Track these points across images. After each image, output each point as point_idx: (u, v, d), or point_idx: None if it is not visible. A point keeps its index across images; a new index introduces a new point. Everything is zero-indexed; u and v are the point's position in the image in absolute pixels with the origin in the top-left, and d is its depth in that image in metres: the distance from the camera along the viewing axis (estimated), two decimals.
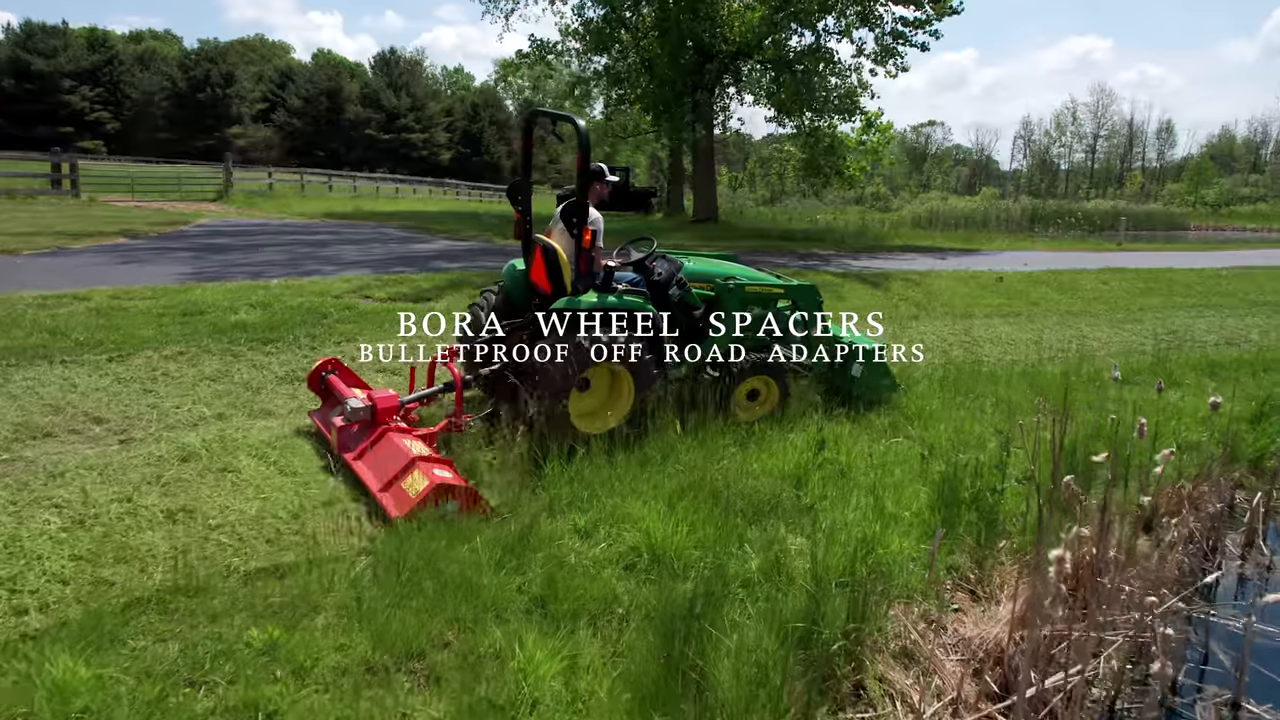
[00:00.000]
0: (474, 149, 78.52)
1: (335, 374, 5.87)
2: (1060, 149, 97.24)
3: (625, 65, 23.94)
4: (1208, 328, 10.81)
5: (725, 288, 6.32)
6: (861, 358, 6.94)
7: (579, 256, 5.45)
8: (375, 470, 4.80)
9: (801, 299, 6.75)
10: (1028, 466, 5.85)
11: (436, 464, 4.69)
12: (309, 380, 5.90)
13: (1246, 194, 72.43)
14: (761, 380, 6.42)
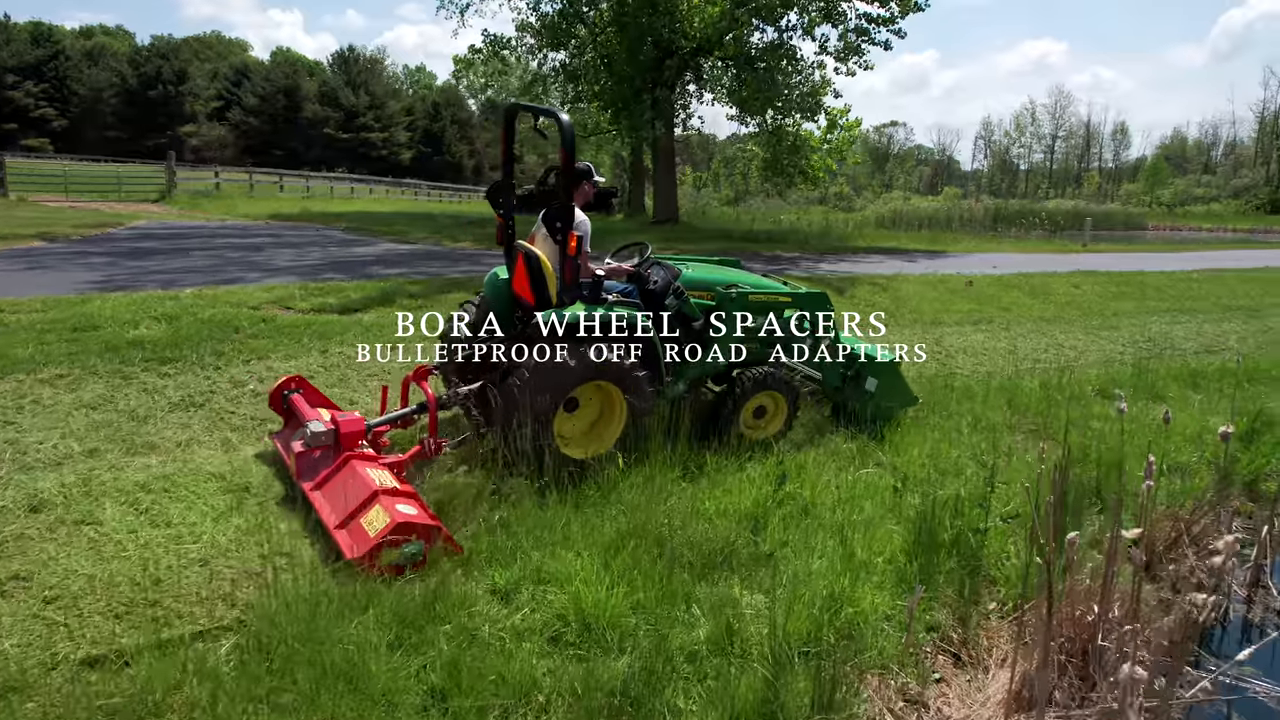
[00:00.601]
0: (435, 148, 77.33)
1: (299, 392, 5.37)
2: (1020, 149, 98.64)
3: (582, 61, 23.21)
4: (1185, 334, 10.39)
5: (727, 297, 5.82)
6: (876, 371, 6.48)
7: (564, 264, 5.02)
8: (334, 502, 4.35)
9: (811, 307, 6.22)
10: (1015, 506, 5.27)
11: (401, 498, 4.22)
12: (270, 399, 5.42)
13: (1200, 194, 73.66)
14: (769, 396, 5.94)
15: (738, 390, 5.77)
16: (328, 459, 4.71)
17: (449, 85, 79.20)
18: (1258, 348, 9.97)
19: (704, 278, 6.01)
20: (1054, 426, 6.77)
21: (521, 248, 5.22)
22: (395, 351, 7.32)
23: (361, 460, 4.54)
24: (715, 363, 5.79)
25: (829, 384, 6.46)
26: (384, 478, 4.42)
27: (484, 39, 22.79)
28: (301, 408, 5.19)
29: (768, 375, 5.83)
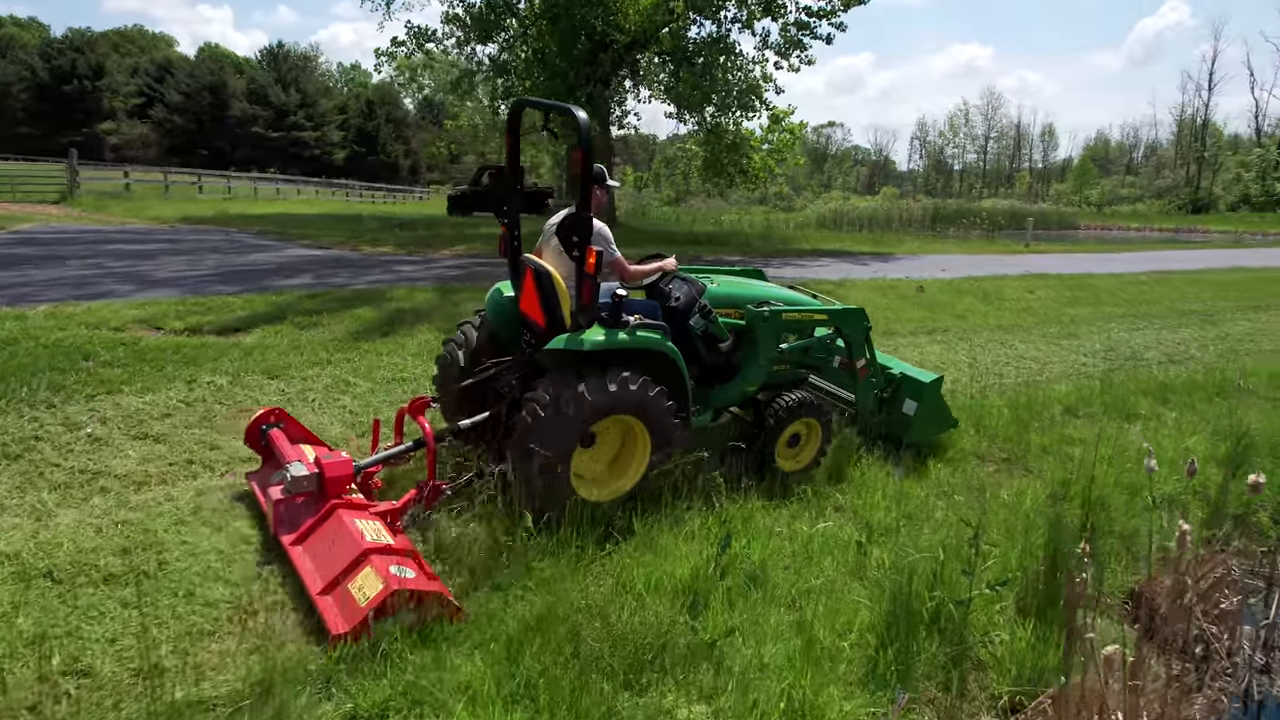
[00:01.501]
0: (370, 148, 75.14)
1: (280, 426, 4.77)
2: (954, 150, 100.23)
3: (512, 55, 22.16)
4: (1145, 342, 9.89)
5: (759, 316, 5.24)
6: (916, 392, 5.94)
7: (581, 282, 4.36)
8: (317, 562, 3.78)
9: (848, 324, 5.68)
10: (997, 560, 4.50)
11: (396, 557, 3.66)
12: (246, 435, 4.77)
13: (1126, 195, 75.64)
14: (803, 423, 5.39)
15: (771, 418, 5.24)
16: (311, 507, 4.10)
17: (384, 83, 77.09)
18: (1219, 356, 9.52)
19: (732, 293, 5.43)
20: (1028, 455, 6.08)
21: (531, 263, 4.64)
22: (280, 382, 6.30)
23: (349, 510, 3.99)
24: (746, 389, 5.27)
25: (863, 407, 5.90)
26: (375, 531, 3.86)
27: (407, 31, 21.53)
28: (282, 446, 4.54)
29: (804, 401, 5.32)
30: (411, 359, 7.10)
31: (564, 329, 4.48)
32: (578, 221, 4.28)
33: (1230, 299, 12.98)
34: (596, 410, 4.31)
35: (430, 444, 4.42)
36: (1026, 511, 5.21)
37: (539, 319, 4.63)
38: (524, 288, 4.76)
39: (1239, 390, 8.00)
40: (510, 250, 4.93)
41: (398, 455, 4.65)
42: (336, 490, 4.11)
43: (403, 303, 9.05)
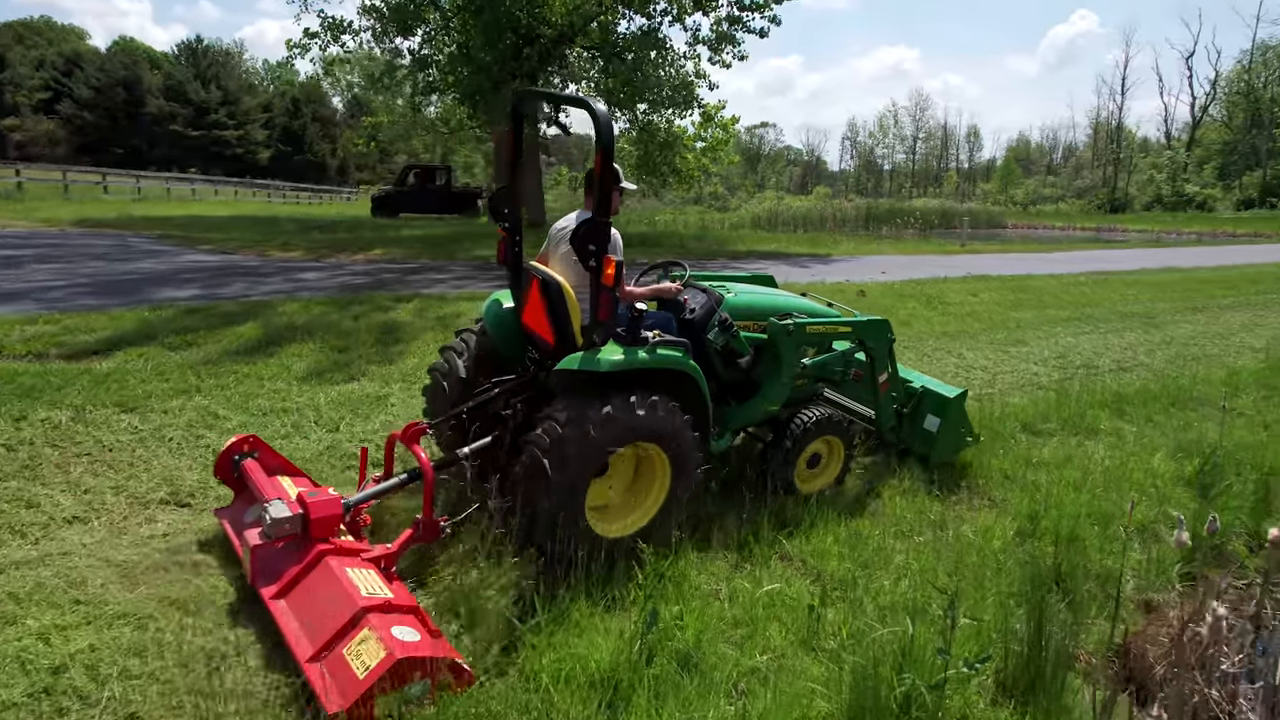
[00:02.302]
0: (296, 147, 72.58)
1: (255, 456, 4.25)
2: (884, 150, 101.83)
3: (434, 49, 21.11)
4: (1094, 348, 9.51)
5: (783, 329, 4.86)
6: (939, 407, 5.61)
7: (597, 295, 3.95)
8: (305, 621, 3.29)
9: (873, 336, 5.32)
10: (970, 622, 3.86)
11: (397, 614, 3.20)
12: (217, 466, 4.25)
13: (1048, 194, 77.68)
14: (824, 442, 5.09)
15: (789, 438, 4.88)
16: (293, 552, 3.59)
17: (311, 81, 74.57)
18: (1168, 362, 9.19)
19: (752, 304, 5.05)
20: (990, 483, 5.50)
21: (537, 272, 4.24)
22: (134, 416, 5.35)
23: (339, 556, 3.51)
24: (768, 408, 4.90)
25: (884, 423, 5.57)
26: (370, 582, 3.38)
27: (320, 20, 20.29)
28: (258, 479, 4.04)
29: (827, 418, 5.00)
30: (296, 385, 6.21)
31: (574, 345, 4.07)
32: (596, 228, 3.82)
33: (1169, 300, 12.82)
34: (617, 437, 3.88)
35: (428, 476, 3.88)
36: (995, 553, 4.62)
37: (546, 334, 4.22)
38: (528, 299, 4.34)
39: (1194, 400, 7.63)
40: (511, 257, 4.46)
41: (391, 490, 4.11)
42: (323, 533, 3.59)
43: (296, 316, 8.11)
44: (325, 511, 3.60)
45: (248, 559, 3.57)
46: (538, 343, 4.40)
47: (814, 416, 4.95)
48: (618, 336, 4.12)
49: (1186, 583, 4.83)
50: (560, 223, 4.49)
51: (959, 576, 4.38)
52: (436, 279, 11.91)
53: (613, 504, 4.27)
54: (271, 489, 3.97)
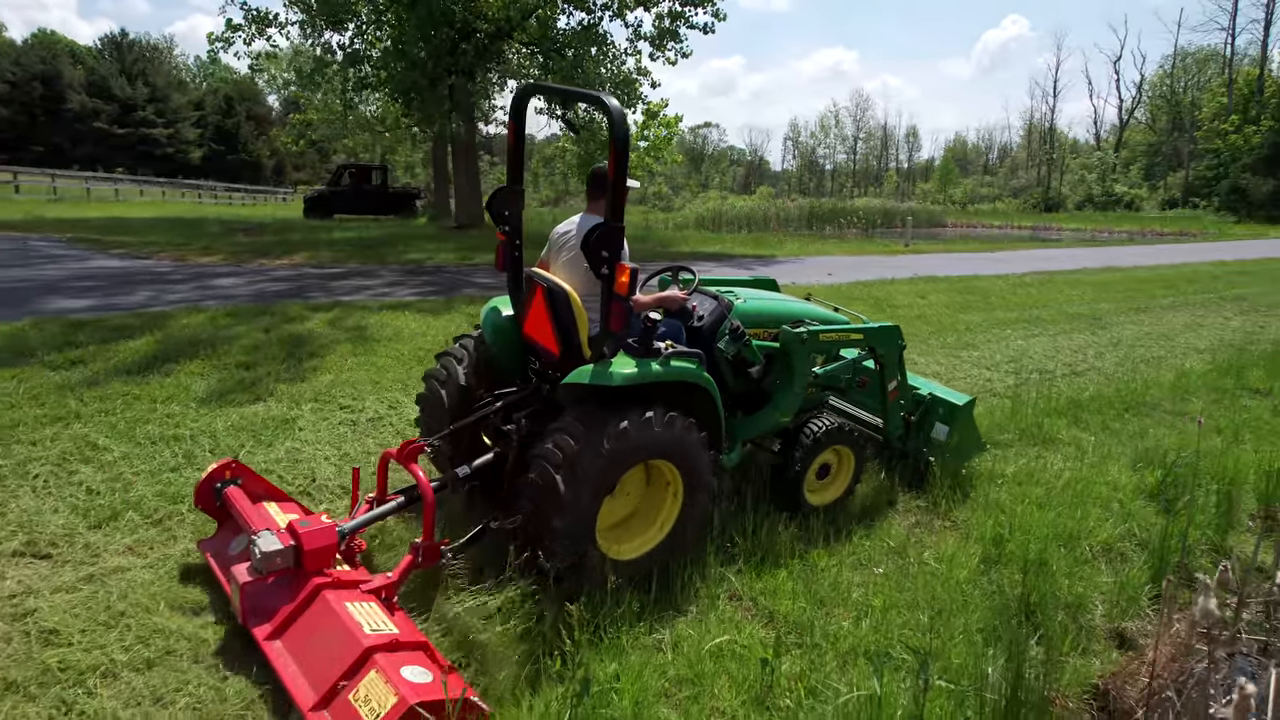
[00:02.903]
0: (229, 146, 70.21)
1: (238, 483, 3.95)
2: (825, 150, 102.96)
3: (366, 43, 20.29)
4: (1043, 351, 9.32)
5: (796, 337, 4.65)
6: (949, 416, 5.46)
7: (609, 305, 3.71)
8: (304, 663, 3.03)
9: (884, 343, 5.15)
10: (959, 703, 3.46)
11: (405, 651, 2.97)
12: (197, 495, 3.98)
13: (985, 193, 79.22)
14: (833, 452, 4.89)
15: (799, 448, 4.70)
16: (286, 588, 3.34)
17: (244, 78, 72.28)
18: (1118, 365, 9.04)
19: (763, 311, 4.85)
20: (949, 502, 5.16)
21: (542, 279, 4.01)
22: None
23: (337, 590, 3.28)
24: (779, 419, 4.71)
25: (892, 431, 5.39)
26: (373, 616, 3.16)
27: (244, 13, 19.28)
28: (243, 508, 3.75)
29: (837, 427, 4.81)
30: (193, 408, 5.59)
31: (580, 357, 3.87)
32: (609, 232, 3.58)
33: (1112, 300, 12.80)
34: (632, 454, 3.71)
35: (428, 497, 3.63)
36: (960, 584, 4.26)
37: (551, 345, 4.01)
38: (530, 308, 4.12)
39: (1147, 405, 7.46)
40: (511, 263, 4.23)
41: (388, 514, 3.86)
42: (318, 565, 3.34)
43: (200, 329, 7.44)
44: (319, 542, 3.34)
45: (237, 596, 3.29)
46: (541, 354, 4.19)
47: (824, 426, 4.76)
48: (628, 348, 3.93)
49: (1156, 604, 4.57)
50: (561, 227, 4.28)
51: (922, 611, 4.02)
52: (362, 285, 11.26)
53: (621, 524, 4.06)
54: (259, 518, 3.67)
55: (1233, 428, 7.07)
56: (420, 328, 8.24)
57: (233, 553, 3.68)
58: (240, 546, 3.66)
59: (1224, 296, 14.05)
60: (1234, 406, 7.65)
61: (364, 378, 6.57)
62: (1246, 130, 53.74)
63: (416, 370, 6.88)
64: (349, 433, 5.56)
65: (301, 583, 3.30)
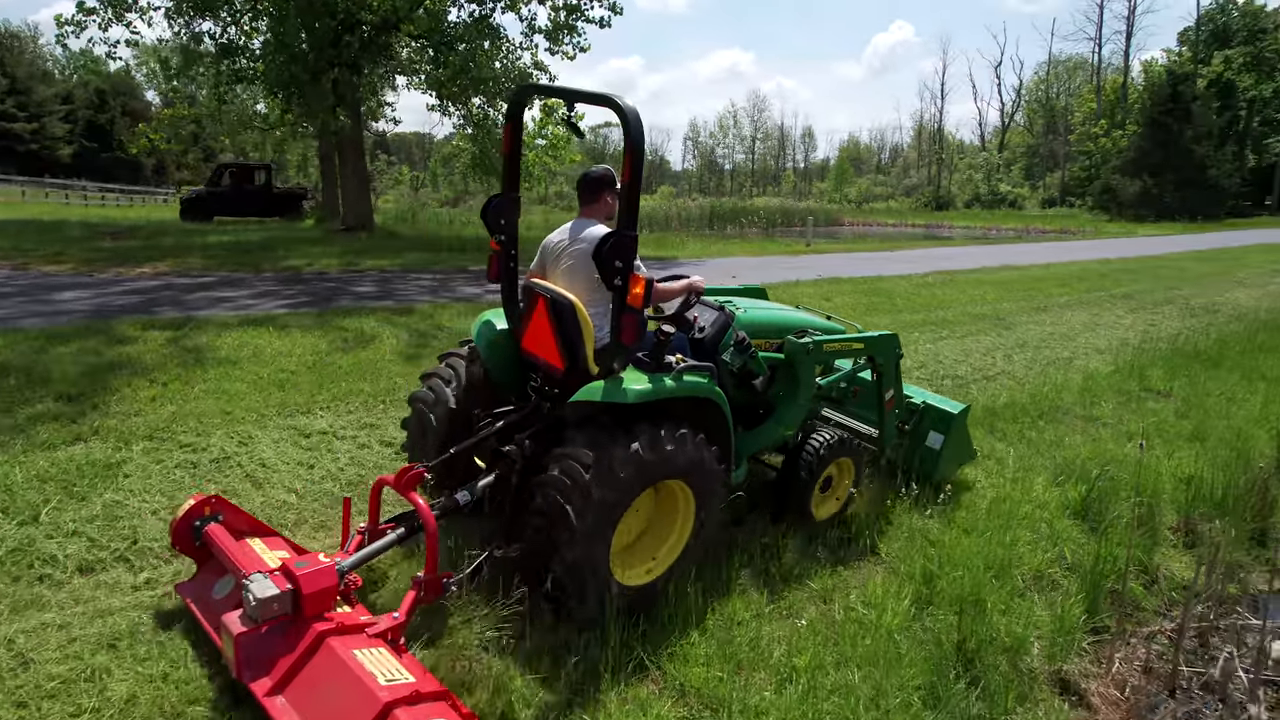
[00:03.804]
0: (103, 143, 65.47)
1: (219, 519, 3.59)
2: (724, 150, 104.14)
3: (241, 32, 18.89)
4: (954, 355, 9.11)
5: (802, 348, 4.54)
6: (942, 424, 5.38)
7: (621, 317, 3.47)
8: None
9: (883, 352, 5.07)
10: None
11: (428, 705, 2.66)
12: (173, 532, 3.55)
13: (879, 193, 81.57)
14: (835, 465, 4.78)
15: (805, 463, 4.58)
16: (284, 636, 2.98)
17: (120, 72, 67.73)
18: (1027, 368, 8.91)
19: (764, 320, 4.71)
20: (872, 535, 4.71)
21: (544, 290, 3.86)
22: None
23: (342, 638, 2.93)
24: (783, 433, 4.58)
25: (887, 441, 5.30)
26: (385, 664, 2.82)
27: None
28: (226, 546, 3.43)
29: (841, 439, 4.73)
30: None
31: (587, 372, 3.70)
32: (623, 241, 3.39)
33: (1013, 299, 12.86)
34: (646, 475, 3.53)
35: (430, 527, 3.39)
36: (891, 632, 3.81)
37: (554, 360, 3.83)
38: (531, 321, 3.94)
39: (1059, 411, 7.29)
40: (506, 274, 4.03)
41: (389, 547, 3.57)
42: (319, 609, 3.04)
43: (8, 353, 6.38)
44: (319, 584, 3.04)
45: (230, 649, 2.94)
46: (542, 370, 3.99)
47: (828, 439, 4.65)
48: (639, 362, 3.75)
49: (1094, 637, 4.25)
50: (555, 236, 4.10)
51: (852, 669, 3.55)
52: (227, 296, 10.21)
53: (628, 548, 3.86)
54: (247, 559, 3.36)
55: (1142, 433, 6.96)
56: (285, 346, 7.37)
57: (217, 597, 3.41)
58: (225, 589, 3.40)
59: (1113, 294, 14.36)
60: (1141, 410, 7.58)
61: (212, 408, 5.71)
62: (1114, 134, 56.92)
63: (276, 397, 6.06)
64: (186, 478, 4.72)
65: (301, 630, 2.99)
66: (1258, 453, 6.61)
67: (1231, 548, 5.36)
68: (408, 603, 3.25)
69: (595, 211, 4.04)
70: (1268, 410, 7.67)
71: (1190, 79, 52.44)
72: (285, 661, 2.94)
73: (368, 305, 10.12)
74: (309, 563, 3.10)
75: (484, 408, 4.10)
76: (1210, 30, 63.30)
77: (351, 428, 5.70)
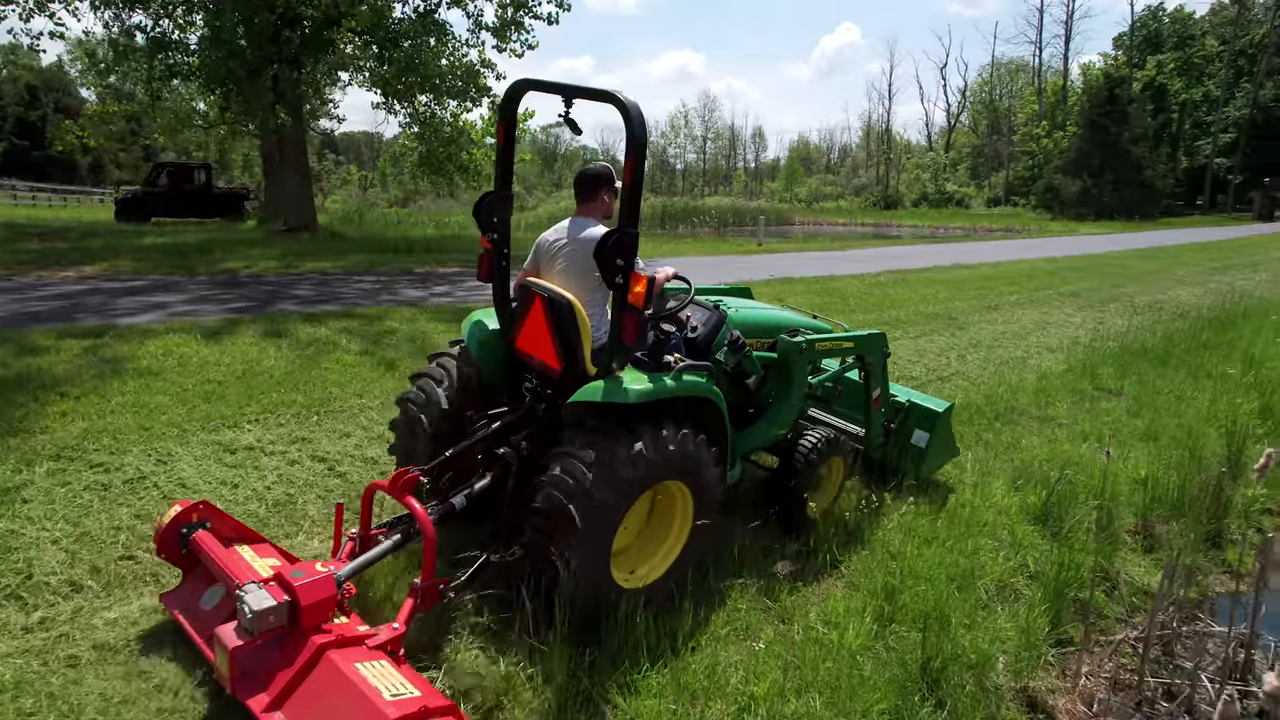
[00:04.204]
0: (35, 141, 62.95)
1: (207, 526, 3.46)
2: (676, 150, 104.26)
3: (175, 26, 18.15)
4: (908, 356, 9.04)
5: (795, 347, 4.59)
6: (928, 422, 5.43)
7: (623, 316, 3.41)
8: None
9: (870, 351, 5.13)
10: None
11: None
12: (159, 540, 3.40)
13: (829, 192, 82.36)
14: (826, 464, 4.79)
15: (800, 462, 4.59)
16: (281, 649, 2.84)
17: (52, 67, 65.34)
18: (980, 368, 8.87)
19: (755, 320, 4.72)
20: (832, 547, 4.54)
21: (541, 289, 3.79)
22: None
23: (342, 650, 2.81)
24: (776, 433, 4.63)
25: (873, 440, 5.32)
26: (388, 677, 2.70)
27: None
28: (216, 554, 3.26)
29: (833, 438, 4.77)
30: None
31: (584, 372, 3.68)
32: (625, 239, 3.37)
33: (965, 298, 12.88)
34: (649, 476, 3.52)
35: (429, 534, 3.28)
36: (853, 654, 3.63)
37: (551, 360, 3.82)
38: (526, 321, 3.90)
39: (1014, 413, 7.23)
40: (498, 273, 3.96)
41: (388, 553, 3.45)
42: (316, 620, 2.93)
43: None
44: (317, 595, 2.92)
45: (224, 663, 2.82)
46: (539, 371, 3.94)
47: (820, 438, 4.68)
48: (637, 361, 3.75)
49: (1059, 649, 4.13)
50: (551, 234, 4.03)
51: (814, 696, 3.35)
52: (157, 302, 9.69)
53: (625, 550, 3.83)
54: (239, 568, 3.24)
55: (1097, 433, 6.93)
56: (213, 355, 6.96)
57: (206, 607, 3.31)
58: (215, 599, 3.30)
59: (1062, 292, 14.51)
60: (1094, 410, 7.55)
61: (130, 424, 5.32)
62: (1055, 135, 58.23)
63: (200, 410, 5.68)
64: (96, 502, 4.34)
65: (300, 642, 2.87)
66: (1209, 451, 6.62)
67: (1190, 550, 5.33)
68: (405, 612, 3.13)
69: (593, 210, 4.00)
70: (1215, 408, 7.71)
71: (1126, 82, 53.89)
72: (283, 676, 2.82)
73: (305, 310, 9.70)
74: (306, 572, 2.97)
75: (476, 409, 4.01)
76: (1144, 35, 65.23)
77: (281, 442, 5.35)
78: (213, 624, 2.97)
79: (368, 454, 5.35)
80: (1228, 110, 58.68)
